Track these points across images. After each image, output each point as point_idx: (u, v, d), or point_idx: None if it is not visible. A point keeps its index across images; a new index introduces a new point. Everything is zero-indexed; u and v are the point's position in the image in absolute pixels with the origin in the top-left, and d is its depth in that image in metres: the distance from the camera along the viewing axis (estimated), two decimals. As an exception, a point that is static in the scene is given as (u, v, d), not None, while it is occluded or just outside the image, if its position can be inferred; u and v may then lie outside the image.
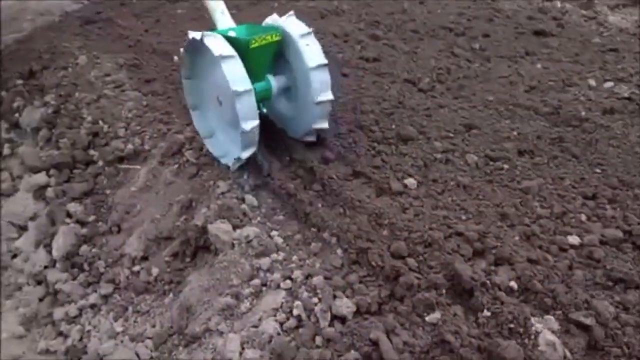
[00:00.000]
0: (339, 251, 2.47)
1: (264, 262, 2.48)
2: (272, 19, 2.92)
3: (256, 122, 2.58)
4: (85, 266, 3.16)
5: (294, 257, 2.50)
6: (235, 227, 2.64)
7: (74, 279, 3.13)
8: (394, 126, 3.26)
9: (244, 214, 2.72)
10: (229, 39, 2.66)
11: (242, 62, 2.56)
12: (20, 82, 4.55)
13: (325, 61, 2.76)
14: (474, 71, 3.83)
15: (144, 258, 2.99)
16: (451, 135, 3.15)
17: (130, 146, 3.47)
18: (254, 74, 2.68)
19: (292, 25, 2.82)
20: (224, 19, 3.04)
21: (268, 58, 2.78)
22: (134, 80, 4.08)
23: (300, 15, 4.79)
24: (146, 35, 4.71)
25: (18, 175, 3.90)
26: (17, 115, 4.37)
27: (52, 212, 3.36)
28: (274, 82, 2.88)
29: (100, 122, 3.75)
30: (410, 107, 3.44)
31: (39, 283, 3.26)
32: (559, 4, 4.80)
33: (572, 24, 4.35)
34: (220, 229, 2.61)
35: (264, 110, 2.93)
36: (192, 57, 2.83)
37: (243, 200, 2.83)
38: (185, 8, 5.29)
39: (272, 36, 2.68)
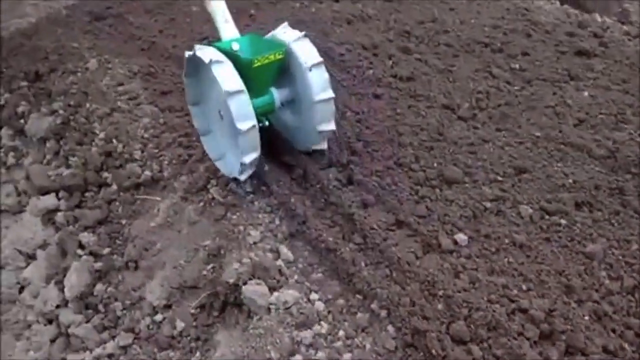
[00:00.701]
0: (391, 329, 2.13)
1: (306, 335, 2.13)
2: (272, 34, 2.79)
3: (253, 122, 2.43)
4: (101, 307, 2.81)
5: (340, 332, 2.15)
6: (271, 289, 2.31)
7: (88, 321, 2.79)
8: (436, 164, 2.91)
9: (280, 272, 2.39)
10: (231, 56, 2.57)
11: (243, 78, 2.47)
12: (25, 84, 4.11)
13: (320, 59, 2.62)
14: (516, 97, 3.45)
15: (167, 306, 2.67)
16: (500, 178, 2.80)
17: (147, 172, 3.08)
18: (257, 90, 2.60)
19: (286, 34, 2.70)
20: (227, 27, 2.83)
21: (271, 74, 2.66)
22: (149, 91, 3.65)
23: (324, 22, 4.48)
24: (160, 37, 4.25)
25: (24, 191, 3.52)
26: (22, 121, 3.97)
27: (63, 241, 3.00)
28: (277, 94, 2.73)
29: (114, 140, 3.36)
30: (452, 140, 3.08)
31: (49, 322, 2.94)
32: (598, 18, 4.40)
33: (615, 43, 3.96)
34: (256, 291, 2.25)
35: (267, 123, 2.72)
36: (193, 80, 2.73)
37: (277, 253, 2.49)
38: (200, 5, 4.83)
39: (276, 55, 2.56)
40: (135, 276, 2.85)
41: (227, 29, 2.81)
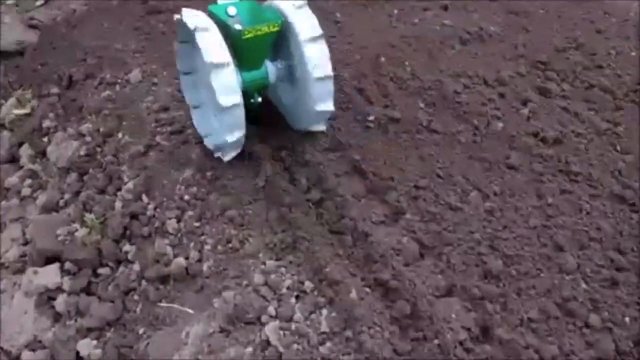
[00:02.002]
0: None
1: None
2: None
3: (237, 98, 2.01)
4: None
5: None
6: None
7: None
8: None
9: None
10: (222, 23, 2.10)
11: (234, 50, 2.10)
12: (56, 91, 3.07)
13: (320, 32, 2.12)
14: None
15: None
16: None
17: (181, 259, 2.01)
18: (248, 63, 2.19)
19: (285, 2, 2.16)
20: None
21: (264, 47, 2.19)
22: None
23: (430, 40, 2.93)
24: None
25: (31, 240, 2.51)
26: (45, 139, 2.95)
27: (56, 351, 2.00)
28: (272, 67, 2.25)
29: (144, 196, 2.29)
30: None
31: None
32: None
33: None
34: None
35: (259, 100, 2.25)
36: (185, 46, 2.25)
37: None
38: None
39: (270, 27, 2.09)
40: None
41: None
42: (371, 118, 2.48)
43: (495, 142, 2.32)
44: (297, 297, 1.78)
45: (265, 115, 2.43)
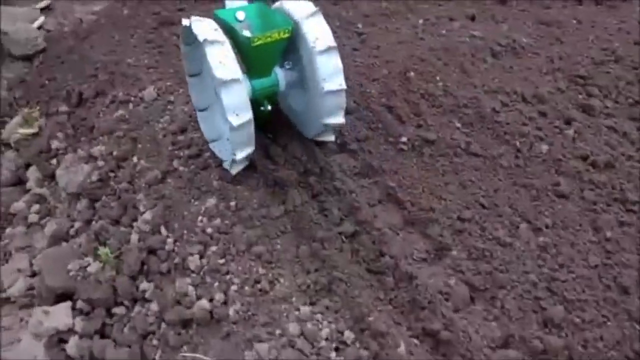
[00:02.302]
0: None
1: None
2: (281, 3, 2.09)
3: (247, 116, 1.87)
4: None
5: None
6: None
7: None
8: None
9: None
10: (230, 29, 1.98)
11: (243, 56, 1.98)
12: (65, 109, 2.87)
13: (334, 43, 1.96)
14: None
15: None
16: None
17: (204, 302, 1.80)
18: (257, 70, 2.05)
19: (296, 6, 2.03)
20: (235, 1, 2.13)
21: (274, 53, 2.04)
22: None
23: (462, 52, 2.67)
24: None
25: (38, 273, 2.30)
26: (54, 161, 2.75)
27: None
28: (282, 75, 2.11)
29: (163, 229, 2.09)
30: None
31: None
32: None
33: None
34: None
35: (269, 108, 2.10)
36: (191, 48, 2.11)
37: None
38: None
39: (280, 33, 1.94)
40: None
41: (235, 3, 2.09)
42: (404, 139, 2.27)
43: (540, 166, 2.11)
44: (336, 349, 1.57)
45: (275, 122, 2.30)
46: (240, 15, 1.99)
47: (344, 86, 1.97)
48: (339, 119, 2.06)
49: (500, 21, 3.08)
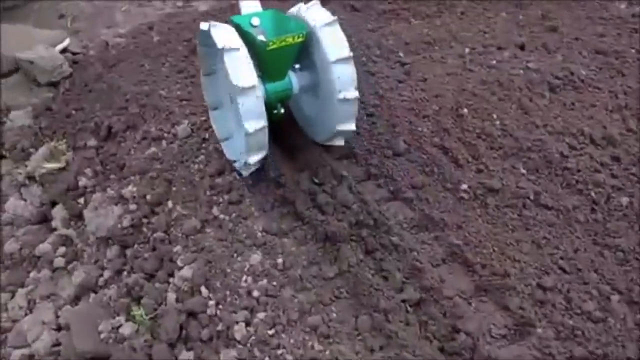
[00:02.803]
0: None
1: None
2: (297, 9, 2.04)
3: (262, 123, 1.83)
4: None
5: None
6: None
7: None
8: None
9: None
10: (246, 34, 1.93)
11: (258, 60, 1.91)
12: (93, 143, 2.65)
13: (350, 54, 1.90)
14: None
15: None
16: None
17: (254, 381, 1.57)
18: (272, 74, 1.99)
19: (314, 14, 1.96)
20: (249, 1, 2.12)
21: (289, 57, 1.99)
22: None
23: (514, 85, 2.38)
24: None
25: (64, 327, 2.05)
26: (82, 200, 2.53)
27: None
28: (296, 79, 2.07)
29: (204, 288, 1.86)
30: None
31: None
32: None
33: None
34: None
35: (282, 111, 2.08)
36: (207, 50, 2.05)
37: None
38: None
39: (295, 37, 1.88)
40: None
41: (249, 4, 2.11)
42: (464, 187, 2.02)
43: (622, 222, 1.85)
44: None
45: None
46: (255, 21, 2.00)
47: (357, 95, 1.97)
48: (350, 126, 2.05)
49: (553, 50, 2.82)
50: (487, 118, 2.33)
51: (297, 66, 2.07)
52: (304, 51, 2.00)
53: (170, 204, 2.11)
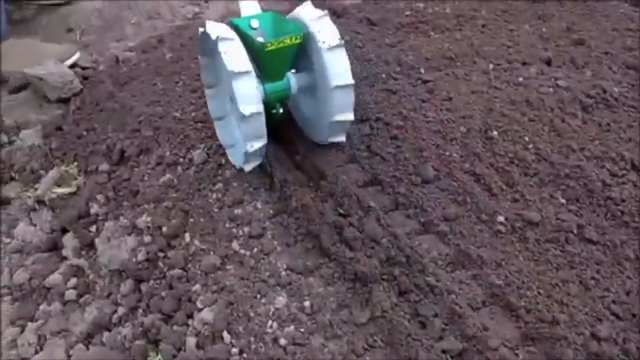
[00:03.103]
0: None
1: None
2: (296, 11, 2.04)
3: (259, 107, 1.84)
4: None
5: None
6: None
7: None
8: None
9: None
10: (245, 36, 1.96)
11: (257, 62, 1.96)
12: (105, 167, 2.50)
13: (341, 41, 1.91)
14: None
15: None
16: None
17: None
18: (271, 75, 2.02)
19: (306, 12, 2.01)
20: (249, 3, 2.14)
21: (287, 58, 2.00)
22: (289, 227, 1.96)
23: (552, 108, 2.21)
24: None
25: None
26: (94, 228, 2.38)
27: None
28: (294, 79, 2.06)
29: (226, 334, 1.67)
30: None
31: None
32: None
33: None
34: None
35: (281, 111, 2.07)
36: (208, 60, 2.09)
37: None
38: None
39: (292, 39, 1.92)
40: None
41: (248, 4, 2.15)
42: (501, 219, 1.86)
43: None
44: None
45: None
46: (255, 23, 2.03)
47: (352, 81, 1.95)
48: (348, 115, 2.02)
49: (581, 65, 2.65)
50: (518, 141, 2.17)
51: (292, 71, 2.09)
52: (302, 51, 2.02)
53: (187, 237, 1.95)
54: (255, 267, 1.77)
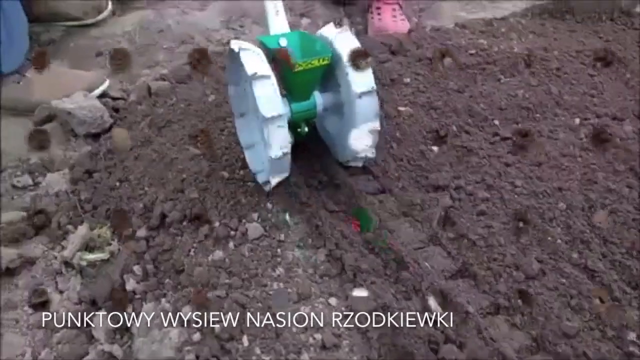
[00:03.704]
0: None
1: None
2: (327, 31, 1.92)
3: (287, 148, 1.78)
4: None
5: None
6: None
7: None
8: None
9: None
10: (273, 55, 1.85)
11: (284, 80, 1.87)
12: (144, 234, 2.12)
13: (374, 87, 1.83)
14: None
15: None
16: None
17: None
18: (298, 95, 1.93)
19: (342, 41, 1.88)
20: (277, 21, 1.98)
21: (314, 79, 1.91)
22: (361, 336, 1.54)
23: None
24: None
25: None
26: (130, 307, 2.01)
27: None
28: (320, 99, 1.97)
29: None
30: None
31: None
32: None
33: None
34: None
35: (306, 130, 1.94)
36: (233, 62, 1.92)
37: None
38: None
39: (320, 60, 1.82)
40: None
41: (277, 22, 1.95)
42: (632, 337, 1.46)
43: None
44: None
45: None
46: (283, 42, 1.93)
47: (375, 87, 1.82)
48: (375, 124, 1.91)
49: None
50: (633, 225, 1.77)
51: (327, 96, 1.98)
52: (329, 72, 1.92)
53: (245, 340, 1.56)
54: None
